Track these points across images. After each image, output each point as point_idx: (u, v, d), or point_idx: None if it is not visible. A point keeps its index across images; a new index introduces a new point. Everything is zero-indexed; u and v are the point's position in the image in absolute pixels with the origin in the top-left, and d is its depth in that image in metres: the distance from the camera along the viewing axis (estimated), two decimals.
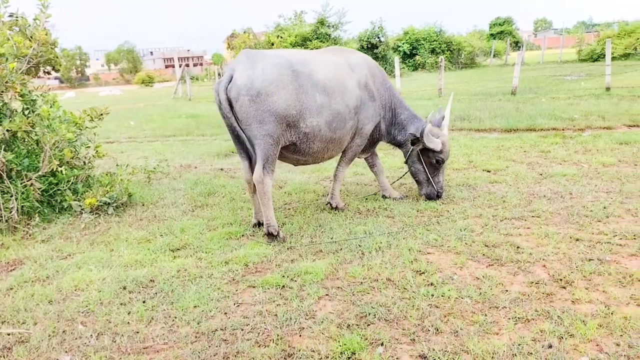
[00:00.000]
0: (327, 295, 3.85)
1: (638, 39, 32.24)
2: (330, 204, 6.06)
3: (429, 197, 6.13)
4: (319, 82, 5.31)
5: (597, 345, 2.97)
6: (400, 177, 7.10)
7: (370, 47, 32.55)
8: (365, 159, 6.52)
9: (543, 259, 4.20)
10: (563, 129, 10.28)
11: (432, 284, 3.88)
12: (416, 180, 6.28)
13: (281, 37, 30.02)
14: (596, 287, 3.67)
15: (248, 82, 5.01)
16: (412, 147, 6.07)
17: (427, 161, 6.06)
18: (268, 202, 5.12)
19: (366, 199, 6.33)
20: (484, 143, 9.33)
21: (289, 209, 6.16)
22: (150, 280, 4.29)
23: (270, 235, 5.07)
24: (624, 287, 3.63)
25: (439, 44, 37.59)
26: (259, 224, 5.48)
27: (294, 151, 5.47)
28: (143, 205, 6.59)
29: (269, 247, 4.85)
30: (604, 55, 16.71)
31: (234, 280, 4.21)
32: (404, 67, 33.66)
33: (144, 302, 3.91)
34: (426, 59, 36.96)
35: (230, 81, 5.11)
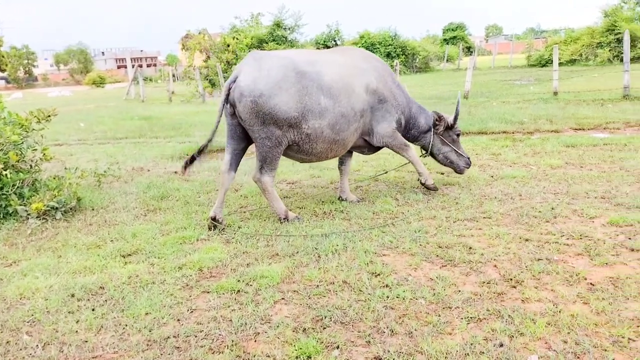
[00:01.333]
0: (283, 299, 3.81)
1: (583, 45, 33.60)
2: (425, 186, 6.36)
3: (467, 167, 6.61)
4: (325, 85, 5.42)
5: (546, 343, 3.05)
6: (399, 167, 7.48)
7: None
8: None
9: (494, 259, 4.30)
10: (513, 132, 10.59)
11: (387, 286, 3.90)
12: (449, 163, 6.59)
13: (237, 39, 29.73)
14: (545, 286, 3.78)
15: (252, 83, 5.14)
16: (431, 136, 6.42)
17: (450, 140, 6.50)
18: (271, 196, 5.53)
19: (323, 201, 6.33)
20: None
21: (244, 212, 6.09)
22: (100, 287, 4.15)
23: (284, 220, 5.51)
24: (571, 286, 3.75)
25: (394, 48, 38.14)
26: (214, 219, 5.44)
27: (298, 151, 5.61)
28: (93, 209, 6.38)
29: (224, 251, 4.78)
30: (552, 60, 17.32)
31: (187, 285, 4.12)
32: None
33: (93, 310, 3.78)
34: None
35: (234, 82, 5.26)
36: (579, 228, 4.89)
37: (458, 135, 6.57)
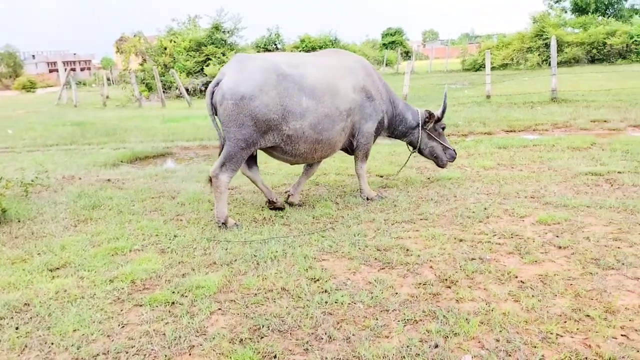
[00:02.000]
0: (219, 309, 3.72)
1: (514, 50, 35.07)
2: (366, 198, 6.32)
3: (452, 160, 6.87)
4: (308, 86, 5.53)
5: (479, 342, 3.12)
6: (403, 165, 7.67)
7: None
8: None
9: (430, 260, 4.37)
10: (448, 135, 10.87)
11: (326, 291, 3.89)
12: (436, 157, 6.81)
13: (174, 42, 29.10)
14: (478, 285, 3.87)
15: (234, 85, 5.26)
16: (419, 132, 6.64)
17: (436, 134, 6.75)
18: (220, 196, 5.47)
19: (262, 207, 6.25)
20: (378, 149, 9.61)
21: (181, 220, 5.92)
22: (25, 304, 3.92)
23: (223, 225, 5.47)
24: (503, 284, 3.86)
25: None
26: (270, 201, 5.94)
27: (282, 152, 5.72)
28: (19, 221, 6.04)
29: (159, 261, 4.62)
30: (485, 65, 17.94)
31: (119, 299, 3.95)
32: None
33: (17, 328, 3.56)
34: None
35: (217, 85, 5.40)
36: (510, 227, 5.06)
37: (443, 129, 6.83)
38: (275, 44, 33.68)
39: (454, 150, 6.87)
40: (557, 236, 4.76)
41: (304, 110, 5.50)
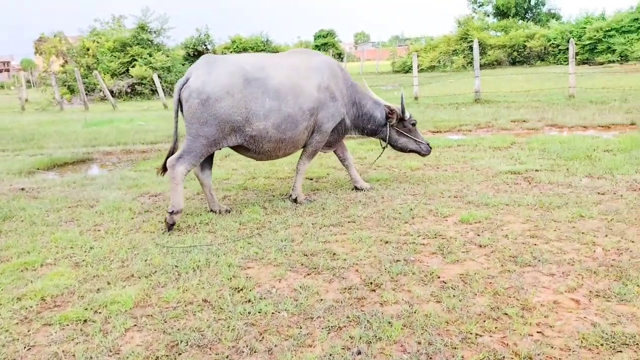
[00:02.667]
0: (135, 325, 3.53)
1: (441, 52, 36.23)
2: (294, 198, 6.31)
3: (428, 152, 6.95)
4: (272, 88, 5.67)
5: (402, 345, 3.12)
6: (377, 158, 7.80)
7: (197, 55, 31.89)
8: (335, 152, 6.86)
9: (356, 264, 4.36)
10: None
11: (249, 301, 3.77)
12: (410, 151, 6.96)
13: (98, 42, 27.93)
14: (402, 288, 3.88)
15: (200, 86, 5.41)
16: (388, 129, 6.73)
17: (406, 130, 6.84)
18: (175, 187, 5.46)
19: (194, 213, 6.05)
20: None
21: (99, 230, 5.62)
22: None
23: (176, 214, 5.42)
24: (426, 285, 3.90)
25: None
26: (214, 211, 5.97)
27: (247, 150, 5.88)
28: None
29: (72, 276, 4.34)
30: (413, 67, 18.36)
31: (26, 319, 3.67)
32: None
33: None
34: None
35: (186, 83, 5.51)
36: (434, 227, 5.14)
37: (413, 124, 6.90)
38: (205, 45, 33.05)
39: (427, 144, 6.97)
40: (478, 235, 4.88)
41: (268, 111, 5.64)
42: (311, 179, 7.56)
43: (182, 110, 5.60)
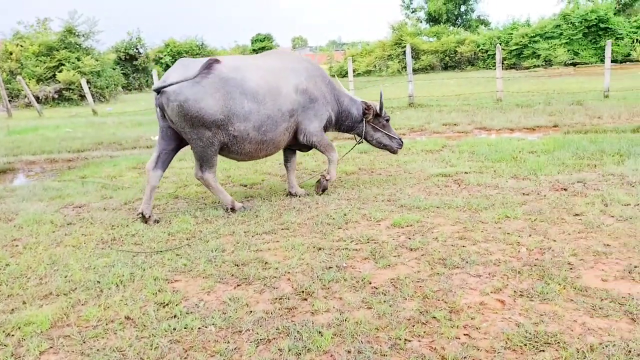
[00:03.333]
0: (51, 347, 3.30)
1: (376, 57, 36.86)
2: (322, 185, 6.61)
3: (400, 147, 7.15)
4: (249, 90, 5.78)
5: (332, 355, 3.06)
6: (349, 151, 8.17)
7: (129, 59, 30.93)
8: (284, 151, 6.85)
9: (288, 272, 4.28)
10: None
11: (175, 316, 3.62)
12: (383, 146, 7.12)
13: (22, 46, 26.53)
14: (334, 295, 3.84)
15: (177, 88, 5.51)
16: (364, 124, 6.94)
17: (380, 125, 7.02)
18: (215, 190, 6.03)
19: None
20: None
21: (16, 245, 5.27)
22: None
23: (232, 210, 6.01)
24: (357, 292, 3.87)
25: (202, 57, 37.68)
26: (143, 215, 5.83)
27: (229, 151, 6.02)
28: None
29: None
30: (348, 72, 18.54)
31: None
32: None
33: None
34: None
35: (162, 88, 5.59)
36: (367, 232, 5.14)
37: (387, 120, 7.08)
38: (137, 48, 32.07)
39: (400, 139, 7.16)
40: (409, 238, 4.92)
41: (247, 113, 5.78)
42: (245, 186, 7.44)
43: (164, 116, 5.80)
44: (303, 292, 3.91)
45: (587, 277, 3.88)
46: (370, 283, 4.01)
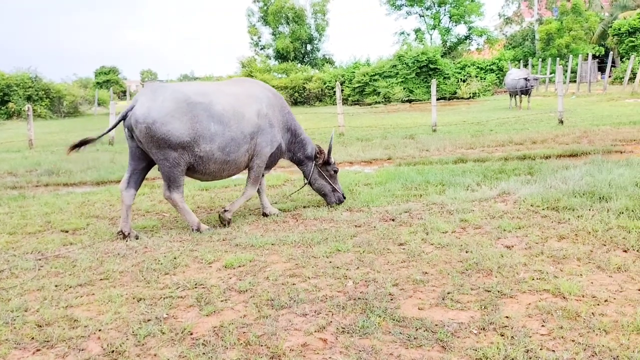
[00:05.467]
0: None
1: None
2: (224, 213, 6.62)
3: (339, 203, 7.28)
4: (216, 113, 6.16)
5: None
6: (300, 188, 8.00)
7: None
8: None
9: (99, 330, 3.83)
10: (154, 179, 10.45)
11: None
12: (323, 194, 7.35)
13: None
14: (148, 352, 3.49)
15: (146, 112, 5.85)
16: (312, 166, 7.23)
17: (327, 174, 7.28)
18: (182, 210, 6.30)
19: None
20: (69, 199, 8.62)
21: None
22: None
23: (198, 231, 6.26)
24: (175, 345, 3.56)
25: (36, 90, 34.65)
26: (122, 233, 6.18)
27: (194, 171, 6.32)
28: None
29: None
30: None
31: None
32: None
33: None
34: (22, 107, 33.45)
35: (131, 110, 5.96)
36: (196, 276, 4.86)
37: (335, 172, 7.34)
38: None
39: (343, 195, 7.35)
40: (240, 279, 4.73)
41: (213, 135, 6.12)
42: (66, 232, 6.71)
43: (132, 137, 6.06)
44: (113, 351, 3.51)
45: (406, 307, 4.00)
46: (191, 334, 3.73)
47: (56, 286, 4.74)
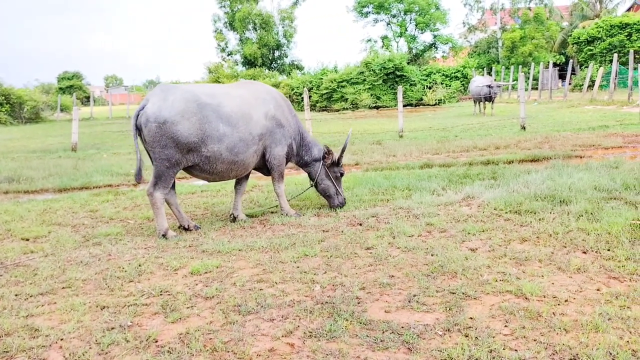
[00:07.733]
0: None
1: None
2: (287, 214, 7.01)
3: (341, 206, 7.29)
4: (225, 114, 6.30)
5: None
6: (303, 192, 8.01)
7: None
8: None
9: (61, 339, 3.74)
10: (118, 185, 10.28)
11: None
12: (327, 196, 7.36)
13: None
14: None
15: (157, 111, 5.99)
16: (320, 166, 7.26)
17: (333, 176, 7.29)
18: (157, 212, 6.27)
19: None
20: (30, 207, 8.39)
21: None
22: None
23: (164, 237, 6.22)
24: (139, 354, 3.51)
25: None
26: (183, 228, 6.61)
27: (200, 171, 6.43)
28: None
29: None
30: None
31: None
32: None
33: None
34: None
35: (142, 109, 6.08)
36: (161, 283, 4.79)
37: (341, 174, 7.38)
38: None
39: (345, 199, 7.38)
40: (207, 286, 4.69)
41: (222, 135, 6.25)
42: (27, 240, 6.53)
43: (141, 136, 6.16)
44: None
45: (372, 310, 4.03)
46: (155, 341, 3.68)
47: (16, 295, 4.61)
